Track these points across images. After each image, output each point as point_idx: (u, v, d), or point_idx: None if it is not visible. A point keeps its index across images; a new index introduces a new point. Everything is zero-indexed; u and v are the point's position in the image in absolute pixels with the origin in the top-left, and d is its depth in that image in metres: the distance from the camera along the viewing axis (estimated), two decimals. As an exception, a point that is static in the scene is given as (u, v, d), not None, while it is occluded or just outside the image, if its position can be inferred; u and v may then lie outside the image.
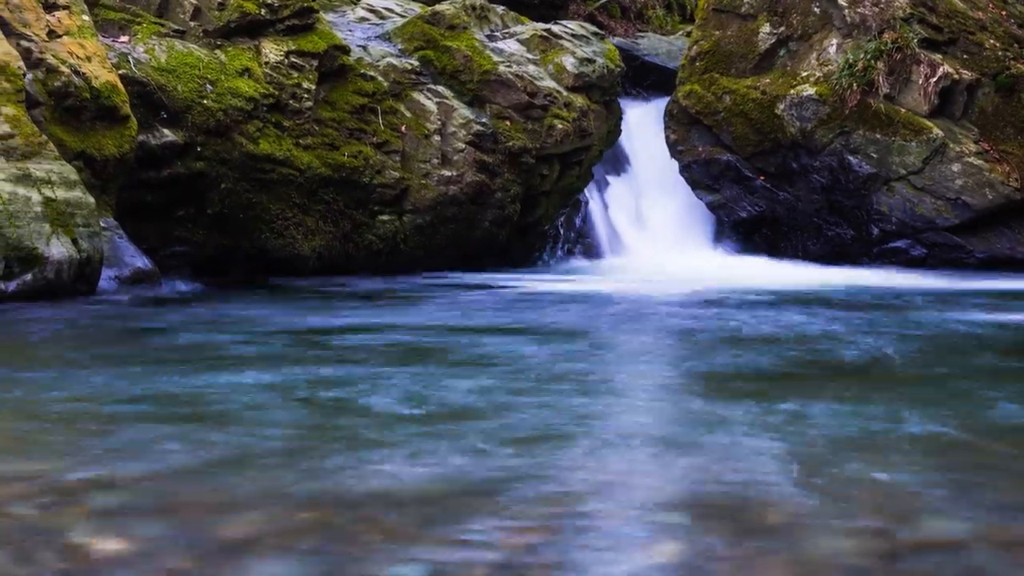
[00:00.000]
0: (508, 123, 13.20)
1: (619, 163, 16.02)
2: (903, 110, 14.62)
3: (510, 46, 13.84)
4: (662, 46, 18.19)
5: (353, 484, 3.97)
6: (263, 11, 12.28)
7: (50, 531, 3.39)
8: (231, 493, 3.87)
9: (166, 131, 11.65)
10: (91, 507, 3.67)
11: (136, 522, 3.49)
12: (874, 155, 14.67)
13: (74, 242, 9.65)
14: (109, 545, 3.26)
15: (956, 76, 14.54)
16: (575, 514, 3.69)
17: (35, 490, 3.84)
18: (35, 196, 9.56)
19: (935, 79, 14.53)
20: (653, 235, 15.42)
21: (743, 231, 15.66)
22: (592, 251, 14.97)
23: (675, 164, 15.76)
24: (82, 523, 3.48)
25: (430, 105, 12.99)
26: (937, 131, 14.47)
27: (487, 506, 3.75)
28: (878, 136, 14.64)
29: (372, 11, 14.49)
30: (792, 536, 3.50)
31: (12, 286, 9.24)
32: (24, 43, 10.52)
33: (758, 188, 15.35)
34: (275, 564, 3.18)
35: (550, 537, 3.45)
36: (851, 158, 14.74)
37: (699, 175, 15.61)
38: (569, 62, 14.01)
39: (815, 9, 15.27)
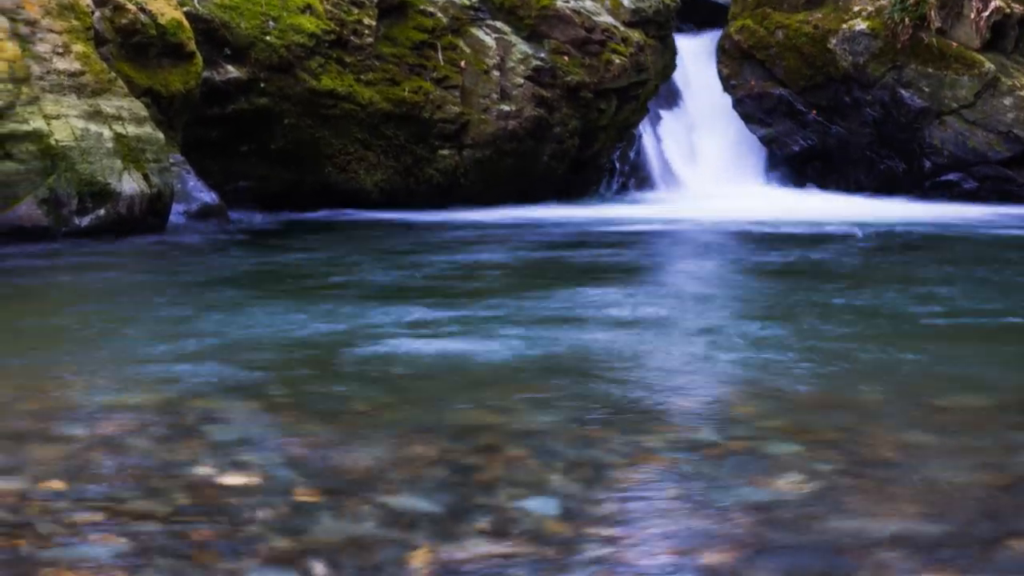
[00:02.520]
0: (566, 58, 13.06)
1: (671, 97, 15.86)
2: (955, 44, 14.43)
3: (567, -19, 13.67)
4: (712, -19, 17.97)
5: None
6: (324, -53, 12.17)
7: (171, 464, 3.33)
8: (351, 425, 3.81)
9: (230, 67, 11.58)
10: (208, 440, 3.61)
11: (256, 454, 3.43)
12: (926, 89, 14.49)
13: (145, 177, 9.59)
14: (233, 478, 3.20)
15: (1008, 10, 14.33)
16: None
17: (150, 422, 3.79)
18: (106, 132, 9.50)
19: (987, 13, 14.32)
20: (705, 168, 15.28)
21: (795, 164, 15.50)
22: (645, 184, 14.85)
23: (726, 98, 15.61)
24: (202, 456, 3.42)
25: (489, 41, 12.86)
26: (989, 65, 14.28)
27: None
28: (930, 70, 14.46)
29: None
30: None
31: (86, 221, 9.20)
32: (92, -20, 10.44)
33: (810, 122, 15.20)
34: (402, 496, 3.12)
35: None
36: (903, 92, 14.56)
37: (751, 109, 15.45)
38: (626, -3, 13.85)
39: (867, -57, 15.06)
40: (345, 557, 2.69)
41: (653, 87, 14.32)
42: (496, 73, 12.71)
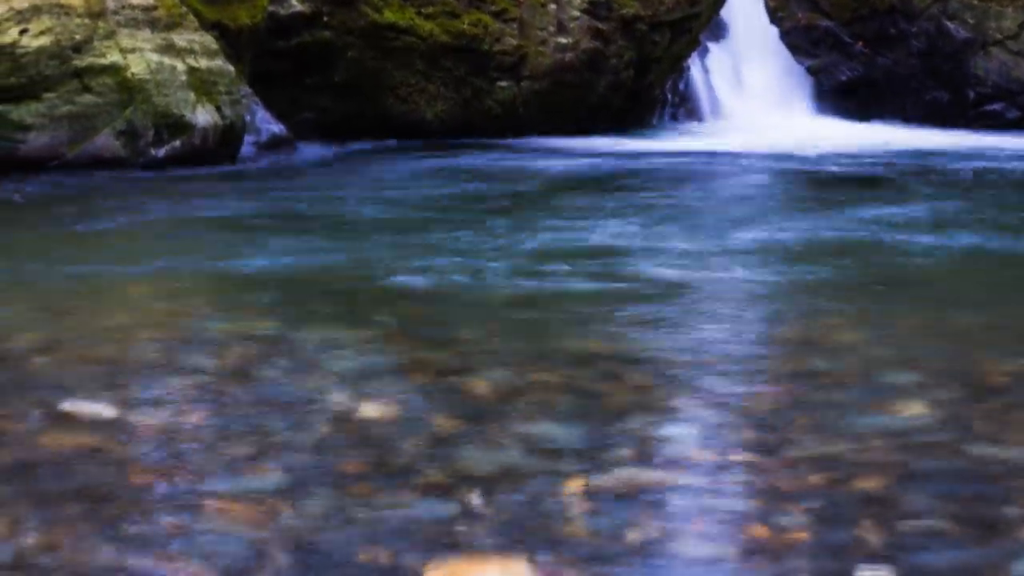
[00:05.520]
0: (621, -9, 12.86)
1: (717, 29, 15.61)
2: (1000, -25, 14.19)
3: (621, -85, 13.43)
4: (757, -86, 17.67)
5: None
6: None
7: (304, 395, 3.24)
8: (465, 353, 3.72)
9: (294, 2, 11.46)
10: (332, 369, 3.52)
11: (384, 384, 3.34)
12: (971, 20, 14.25)
13: (218, 109, 9.50)
14: (371, 409, 3.11)
15: (1054, -60, 14.08)
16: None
17: (272, 352, 3.71)
18: (180, 65, 9.39)
19: (1032, -57, 14.08)
20: (752, 99, 15.06)
21: (842, 95, 15.25)
22: (694, 115, 14.64)
23: (772, 29, 15.38)
24: (332, 386, 3.32)
25: (545, -26, 12.66)
26: (1033, -4, 14.04)
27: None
28: (975, 2, 14.21)
29: None
30: None
31: (162, 152, 9.12)
32: (162, -83, 10.30)
33: (857, 53, 14.96)
34: (541, 424, 3.03)
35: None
36: (948, 23, 14.32)
37: (798, 41, 15.21)
38: (679, -70, 13.59)
39: None
40: (499, 486, 2.60)
41: (705, 19, 14.11)
42: (553, 6, 12.51)
